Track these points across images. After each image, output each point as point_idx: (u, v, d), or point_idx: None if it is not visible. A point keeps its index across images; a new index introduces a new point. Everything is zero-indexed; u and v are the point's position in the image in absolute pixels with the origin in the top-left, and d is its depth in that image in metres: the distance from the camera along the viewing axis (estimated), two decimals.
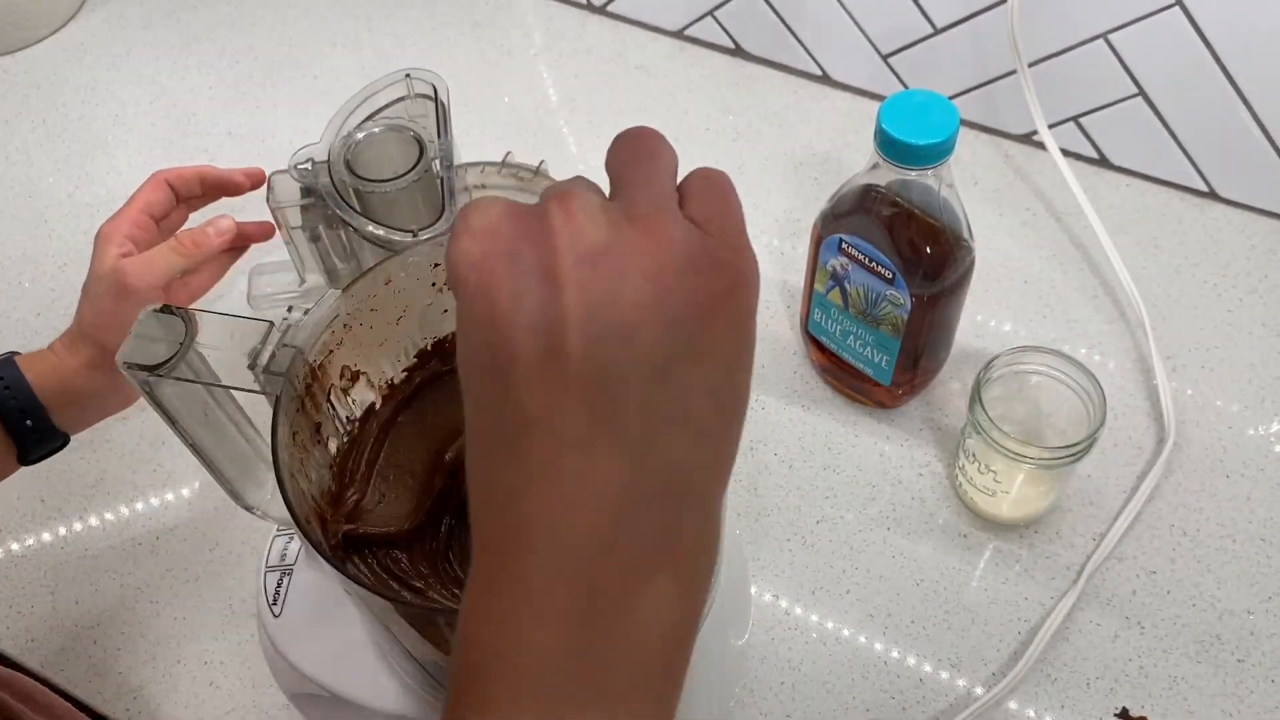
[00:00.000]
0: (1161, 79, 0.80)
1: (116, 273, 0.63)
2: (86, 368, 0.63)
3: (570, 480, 0.27)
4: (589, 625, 0.27)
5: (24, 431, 0.61)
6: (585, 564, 0.27)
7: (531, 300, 0.27)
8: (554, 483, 0.27)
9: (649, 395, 0.27)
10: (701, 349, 0.28)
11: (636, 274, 0.27)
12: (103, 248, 0.65)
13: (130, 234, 0.66)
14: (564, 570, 0.27)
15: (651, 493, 0.27)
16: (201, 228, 0.68)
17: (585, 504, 0.27)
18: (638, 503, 0.27)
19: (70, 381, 0.62)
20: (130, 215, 0.67)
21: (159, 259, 0.65)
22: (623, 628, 0.27)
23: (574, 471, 0.27)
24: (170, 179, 0.69)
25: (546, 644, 0.27)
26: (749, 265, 0.30)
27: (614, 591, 0.27)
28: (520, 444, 0.27)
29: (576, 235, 0.27)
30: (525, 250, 0.27)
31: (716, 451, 0.29)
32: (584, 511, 0.27)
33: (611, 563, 0.27)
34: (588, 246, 0.27)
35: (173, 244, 0.66)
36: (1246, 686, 0.63)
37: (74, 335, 0.64)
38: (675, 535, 0.28)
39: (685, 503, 0.28)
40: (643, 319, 0.27)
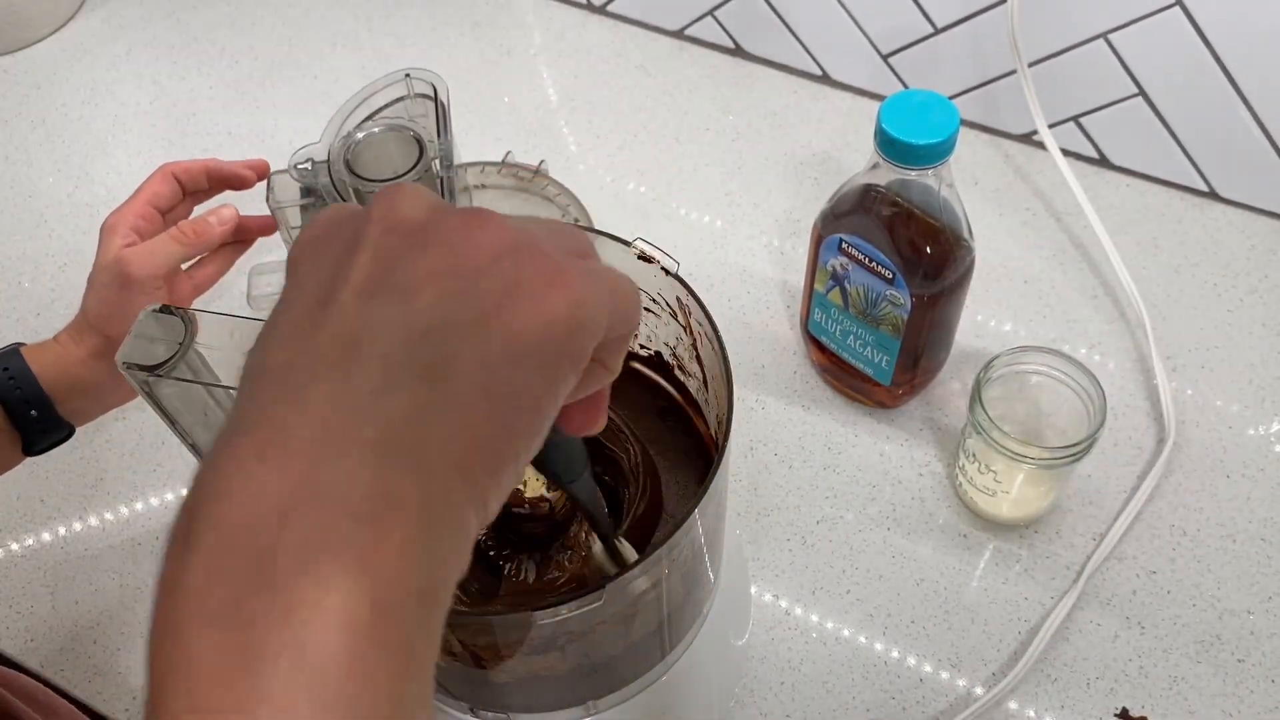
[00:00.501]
0: (1162, 79, 0.80)
1: (119, 262, 0.63)
2: (91, 358, 0.63)
3: (274, 423, 0.24)
4: (247, 625, 0.22)
5: (29, 422, 0.61)
6: (253, 539, 0.23)
7: (327, 262, 0.27)
8: (258, 425, 0.24)
9: (399, 350, 0.25)
10: (487, 329, 0.25)
11: (442, 246, 0.26)
12: (107, 238, 0.65)
13: (135, 225, 0.66)
14: (231, 548, 0.23)
15: (358, 452, 0.23)
16: (203, 217, 0.68)
17: (274, 457, 0.23)
18: (335, 461, 0.23)
19: (75, 372, 0.62)
20: (135, 207, 0.67)
21: (160, 247, 0.65)
22: (285, 624, 0.22)
23: (280, 416, 0.24)
24: (176, 172, 0.69)
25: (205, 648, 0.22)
26: (590, 280, 0.27)
27: (281, 574, 0.22)
28: (245, 389, 0.25)
29: (390, 211, 0.27)
30: (345, 228, 0.27)
31: (466, 436, 0.25)
32: (270, 467, 0.23)
33: (285, 538, 0.22)
34: (399, 219, 0.26)
35: (174, 233, 0.66)
36: (1246, 687, 0.63)
37: (79, 326, 0.64)
38: (370, 513, 0.23)
39: (403, 472, 0.24)
40: (427, 283, 0.25)
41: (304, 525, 0.22)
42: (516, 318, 0.25)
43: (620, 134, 0.93)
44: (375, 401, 0.24)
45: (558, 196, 0.84)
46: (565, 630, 0.43)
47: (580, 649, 0.46)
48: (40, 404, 0.61)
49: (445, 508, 0.24)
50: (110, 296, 0.63)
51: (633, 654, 0.50)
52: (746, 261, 0.84)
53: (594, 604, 0.41)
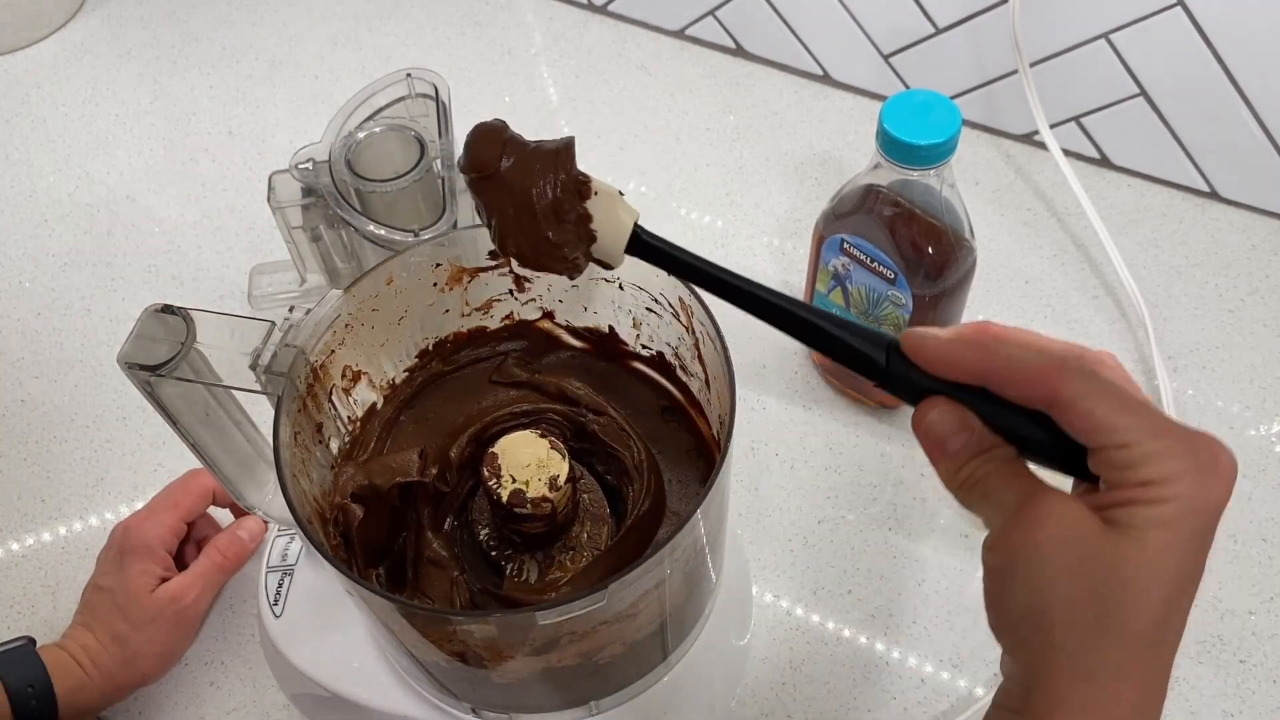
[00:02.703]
0: (1163, 79, 0.80)
1: (174, 603, 0.62)
2: (115, 691, 0.61)
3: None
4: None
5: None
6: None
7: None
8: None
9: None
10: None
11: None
12: (144, 562, 0.62)
13: (170, 546, 0.64)
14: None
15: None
16: (234, 534, 0.66)
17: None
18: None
19: (90, 702, 0.60)
20: (172, 524, 0.64)
21: (211, 578, 0.64)
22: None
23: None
24: (204, 488, 0.67)
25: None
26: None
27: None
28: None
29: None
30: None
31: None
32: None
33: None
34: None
35: (218, 561, 0.64)
36: (1248, 687, 0.63)
37: (114, 658, 0.61)
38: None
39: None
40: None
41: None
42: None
43: (621, 134, 0.93)
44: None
45: None
46: (567, 631, 0.43)
47: (582, 649, 0.46)
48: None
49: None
50: (164, 636, 0.62)
51: (634, 654, 0.50)
52: (748, 261, 0.83)
53: (596, 604, 0.41)
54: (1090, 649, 0.33)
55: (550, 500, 0.47)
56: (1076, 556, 0.33)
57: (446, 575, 0.49)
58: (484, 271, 0.53)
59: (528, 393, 0.56)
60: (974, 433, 0.35)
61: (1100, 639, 0.32)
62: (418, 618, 0.46)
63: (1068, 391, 0.33)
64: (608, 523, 0.51)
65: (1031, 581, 0.33)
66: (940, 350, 0.35)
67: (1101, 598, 0.32)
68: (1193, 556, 0.32)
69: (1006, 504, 0.34)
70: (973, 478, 0.35)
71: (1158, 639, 0.33)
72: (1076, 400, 0.33)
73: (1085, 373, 0.33)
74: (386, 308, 0.51)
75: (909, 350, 0.36)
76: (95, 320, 0.83)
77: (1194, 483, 0.32)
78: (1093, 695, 0.33)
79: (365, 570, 0.50)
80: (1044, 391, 0.33)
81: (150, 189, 0.91)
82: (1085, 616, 0.32)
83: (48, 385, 0.80)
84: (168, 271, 0.85)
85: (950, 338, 0.35)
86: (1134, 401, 0.33)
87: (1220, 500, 0.32)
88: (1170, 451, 0.32)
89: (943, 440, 0.36)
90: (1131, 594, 0.32)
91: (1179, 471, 0.32)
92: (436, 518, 0.51)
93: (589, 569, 0.48)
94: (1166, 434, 0.32)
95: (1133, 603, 0.32)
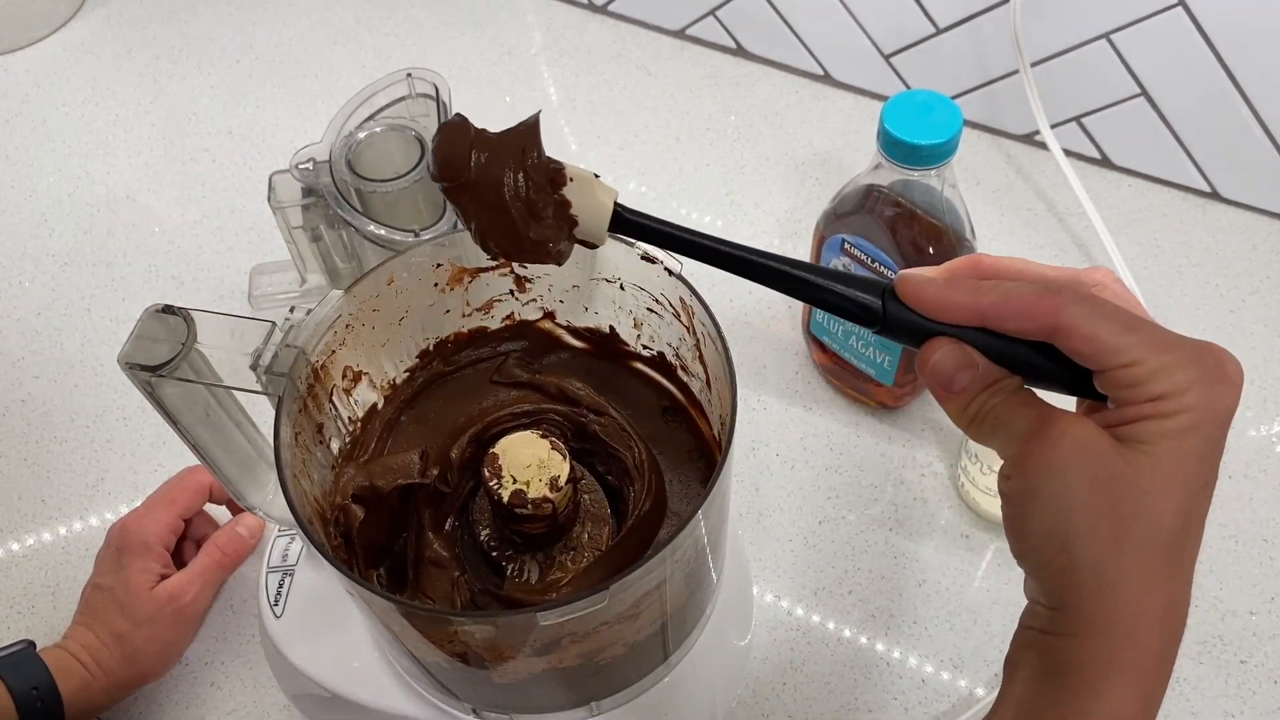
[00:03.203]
0: (1164, 79, 0.80)
1: (173, 601, 0.62)
2: (116, 688, 0.61)
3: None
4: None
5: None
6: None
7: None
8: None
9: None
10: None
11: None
12: (143, 560, 0.62)
13: (167, 543, 0.64)
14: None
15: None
16: (233, 530, 0.66)
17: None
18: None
19: (94, 701, 0.60)
20: (169, 521, 0.64)
21: (210, 576, 0.64)
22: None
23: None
24: (201, 485, 0.67)
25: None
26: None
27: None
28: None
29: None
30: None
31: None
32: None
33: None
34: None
35: (218, 558, 0.65)
36: (1249, 688, 0.63)
37: (115, 657, 0.61)
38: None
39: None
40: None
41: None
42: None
43: (621, 134, 0.93)
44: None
45: None
46: (568, 631, 0.43)
47: (583, 650, 0.46)
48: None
49: None
50: (165, 634, 0.62)
51: (635, 655, 0.50)
52: None
53: (597, 604, 0.40)
54: (1112, 564, 0.33)
55: (551, 501, 0.47)
56: (1092, 474, 0.33)
57: (447, 576, 0.49)
58: (485, 271, 0.53)
59: (528, 393, 0.56)
60: (979, 368, 0.35)
61: (1121, 553, 0.33)
62: (418, 618, 0.46)
63: (1066, 320, 0.33)
64: (608, 523, 0.51)
65: (1050, 503, 0.34)
66: (936, 294, 0.35)
67: (1119, 513, 0.33)
68: (1206, 464, 0.33)
69: (1018, 431, 0.35)
70: (982, 411, 0.36)
71: (1178, 548, 0.34)
72: (1077, 326, 0.33)
73: (1082, 297, 0.34)
74: (387, 308, 0.51)
75: (905, 296, 0.36)
76: (95, 320, 0.83)
77: (1202, 392, 0.32)
78: (1119, 608, 0.33)
79: (366, 571, 0.50)
80: (1044, 322, 0.34)
81: (150, 189, 0.91)
82: (1105, 532, 0.33)
83: (48, 385, 0.80)
84: (168, 271, 0.85)
85: (945, 281, 0.36)
86: (1135, 320, 0.33)
87: (1229, 406, 0.33)
88: (1176, 364, 0.32)
89: (949, 379, 0.36)
90: (1148, 507, 0.33)
91: (1186, 383, 0.32)
92: (437, 518, 0.51)
93: (590, 569, 0.48)
94: (1171, 348, 0.33)
95: (1151, 515, 0.33)
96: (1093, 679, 0.34)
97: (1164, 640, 0.34)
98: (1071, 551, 0.33)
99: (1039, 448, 0.34)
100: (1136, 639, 0.34)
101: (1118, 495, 0.33)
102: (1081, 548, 0.33)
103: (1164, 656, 0.35)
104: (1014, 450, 0.35)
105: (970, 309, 0.35)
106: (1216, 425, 0.33)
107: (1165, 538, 0.33)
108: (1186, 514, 0.33)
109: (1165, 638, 0.34)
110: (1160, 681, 0.35)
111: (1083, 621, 0.34)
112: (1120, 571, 0.33)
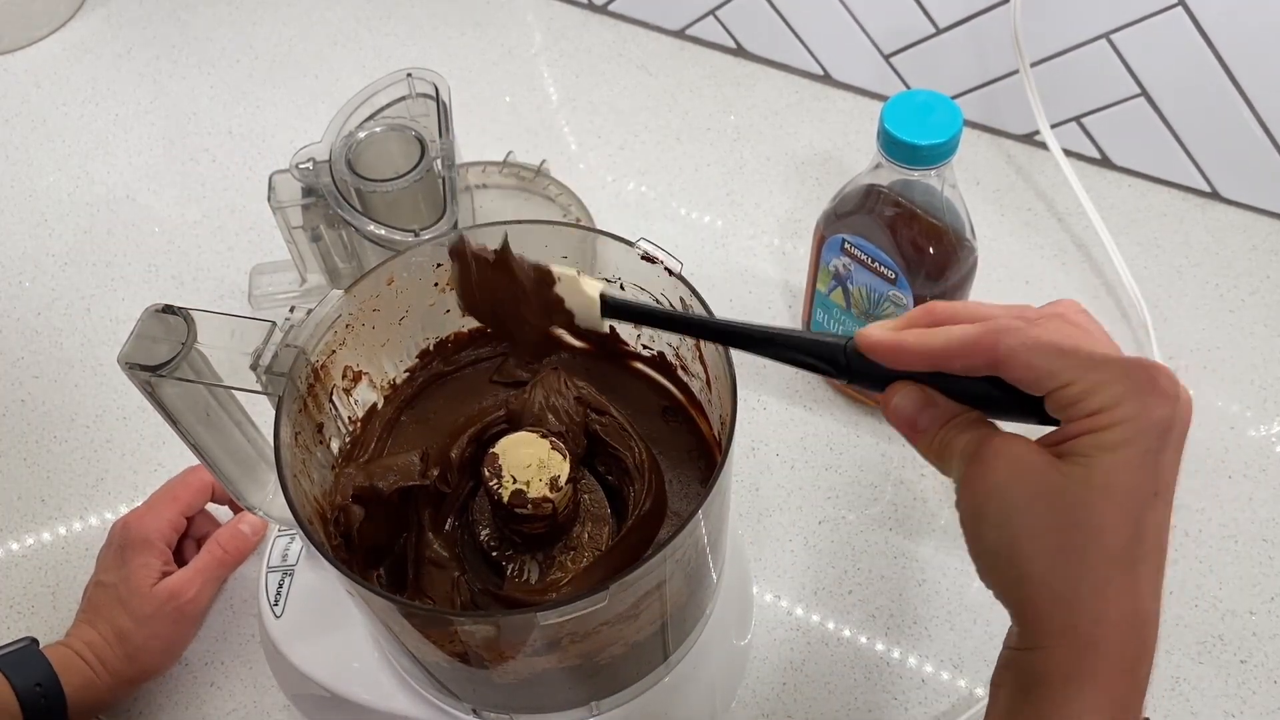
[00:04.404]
0: (1164, 79, 0.80)
1: (175, 598, 0.62)
2: (120, 685, 0.61)
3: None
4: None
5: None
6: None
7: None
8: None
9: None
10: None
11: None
12: (144, 557, 0.62)
13: (169, 540, 0.64)
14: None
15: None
16: (236, 528, 0.66)
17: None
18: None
19: (98, 698, 0.60)
20: (171, 518, 0.64)
21: (213, 573, 0.64)
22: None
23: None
24: (204, 483, 0.67)
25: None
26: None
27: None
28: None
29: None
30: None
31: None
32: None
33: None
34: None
35: (219, 556, 0.64)
36: (1249, 687, 0.63)
37: (118, 654, 0.61)
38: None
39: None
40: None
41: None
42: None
43: (621, 133, 0.93)
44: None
45: (559, 196, 0.84)
46: (568, 631, 0.43)
47: (583, 650, 0.46)
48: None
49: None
50: (166, 631, 0.62)
51: (635, 654, 0.50)
52: (748, 262, 0.83)
53: (597, 604, 0.40)
54: (1060, 575, 0.35)
55: (551, 500, 0.47)
56: (1031, 490, 0.35)
57: (447, 576, 0.49)
58: None
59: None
60: (938, 406, 0.38)
61: (1068, 564, 0.34)
62: (418, 618, 0.46)
63: (1005, 352, 0.35)
64: (609, 523, 0.51)
65: (995, 521, 0.36)
66: (889, 345, 0.38)
67: (1061, 525, 0.34)
68: (1147, 474, 0.34)
69: (965, 455, 0.37)
70: (941, 443, 0.38)
71: (1131, 559, 0.34)
72: (1014, 356, 0.35)
73: (1016, 329, 0.35)
74: (387, 308, 0.51)
75: (864, 349, 0.38)
76: (95, 320, 0.83)
77: (1133, 405, 0.34)
78: (1074, 619, 0.35)
79: (366, 571, 0.50)
80: (986, 358, 0.36)
81: (150, 189, 0.91)
82: (1048, 544, 0.34)
83: (48, 385, 0.80)
84: (168, 271, 0.85)
85: (896, 331, 0.38)
86: (1068, 345, 0.35)
87: (1162, 416, 0.34)
88: (1107, 381, 0.34)
89: (912, 419, 0.38)
90: (1090, 518, 0.34)
91: (1117, 398, 0.34)
92: (437, 518, 0.51)
93: (590, 569, 0.48)
94: (1101, 366, 0.34)
95: (1093, 526, 0.34)
96: (1057, 689, 0.35)
97: (1131, 650, 0.35)
98: (1020, 566, 0.35)
99: (979, 470, 0.36)
100: (1099, 648, 0.34)
101: (1057, 508, 0.34)
102: (1028, 562, 0.35)
103: (1133, 666, 0.35)
104: (959, 474, 0.37)
105: (921, 354, 0.37)
106: (1155, 436, 0.34)
107: (1114, 548, 0.34)
108: (1135, 524, 0.34)
109: (1133, 648, 0.35)
110: (1132, 693, 0.35)
111: (1042, 634, 0.35)
112: (1069, 582, 0.34)
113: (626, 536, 0.49)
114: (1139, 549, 0.34)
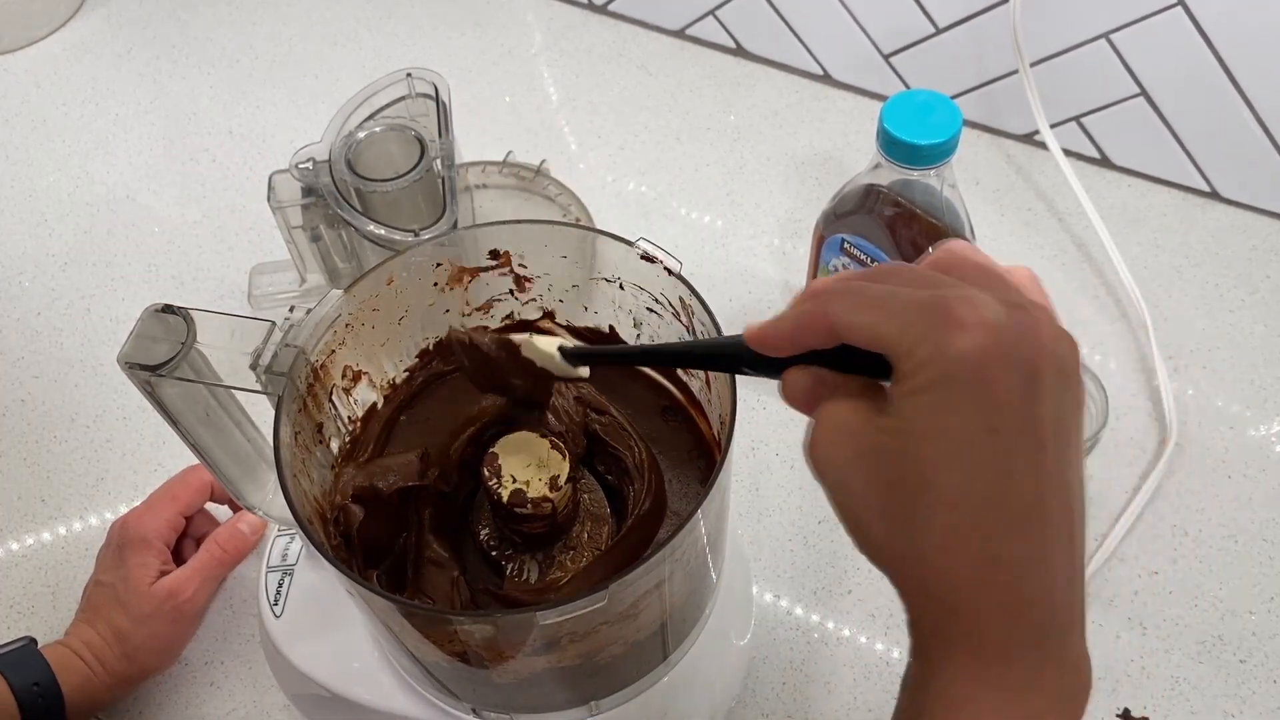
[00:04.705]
0: (1163, 79, 0.80)
1: (172, 598, 0.62)
2: (118, 684, 0.61)
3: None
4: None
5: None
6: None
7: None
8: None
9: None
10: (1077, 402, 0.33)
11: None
12: (142, 555, 0.62)
13: (168, 539, 0.64)
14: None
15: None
16: (235, 527, 0.66)
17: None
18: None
19: (96, 697, 0.60)
20: (169, 518, 0.64)
21: (211, 573, 0.64)
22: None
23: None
24: (203, 482, 0.67)
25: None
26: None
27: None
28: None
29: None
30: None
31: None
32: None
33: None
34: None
35: (218, 555, 0.64)
36: (1249, 687, 0.63)
37: (116, 653, 0.61)
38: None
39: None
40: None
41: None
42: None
43: (621, 133, 0.93)
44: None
45: (559, 196, 0.84)
46: (567, 631, 0.43)
47: (582, 649, 0.46)
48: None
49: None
50: (164, 631, 0.62)
51: (635, 654, 0.50)
52: (748, 261, 0.83)
53: (597, 604, 0.40)
54: (900, 533, 0.32)
55: (551, 500, 0.47)
56: (852, 450, 0.33)
57: (447, 575, 0.49)
58: (484, 271, 0.53)
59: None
60: (826, 384, 0.35)
61: (901, 518, 0.32)
62: (418, 618, 0.46)
63: (834, 318, 0.33)
64: (608, 522, 0.51)
65: (832, 490, 0.34)
66: (755, 335, 0.36)
67: (886, 480, 0.32)
68: (969, 413, 0.30)
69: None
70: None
71: (979, 504, 0.31)
72: (840, 319, 0.33)
73: (843, 293, 0.33)
74: (387, 307, 0.51)
75: (752, 344, 0.37)
76: (95, 320, 0.83)
77: (931, 344, 0.31)
78: (922, 573, 0.32)
79: (365, 570, 0.50)
80: (823, 326, 0.33)
81: (150, 189, 0.91)
82: (877, 503, 0.32)
83: (48, 385, 0.80)
84: (168, 271, 0.85)
85: (771, 321, 0.36)
86: (885, 295, 0.32)
87: (965, 348, 0.30)
88: (906, 326, 0.31)
89: (805, 398, 0.36)
90: (911, 469, 0.31)
91: (914, 340, 0.31)
92: (437, 518, 0.51)
93: (590, 569, 0.48)
94: (903, 311, 0.31)
95: (916, 477, 0.31)
96: (935, 657, 0.33)
97: (1015, 613, 0.31)
98: (865, 531, 0.33)
99: (811, 441, 0.35)
100: (963, 610, 0.31)
101: (877, 465, 0.32)
102: (868, 526, 0.33)
103: (1007, 630, 0.31)
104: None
105: (781, 338, 0.35)
106: (965, 369, 0.30)
107: (952, 496, 0.31)
108: (972, 468, 0.31)
109: (1015, 609, 0.31)
110: (1014, 660, 0.32)
111: (906, 597, 0.33)
112: (908, 537, 0.32)
113: (626, 536, 0.49)
114: (995, 495, 0.31)
